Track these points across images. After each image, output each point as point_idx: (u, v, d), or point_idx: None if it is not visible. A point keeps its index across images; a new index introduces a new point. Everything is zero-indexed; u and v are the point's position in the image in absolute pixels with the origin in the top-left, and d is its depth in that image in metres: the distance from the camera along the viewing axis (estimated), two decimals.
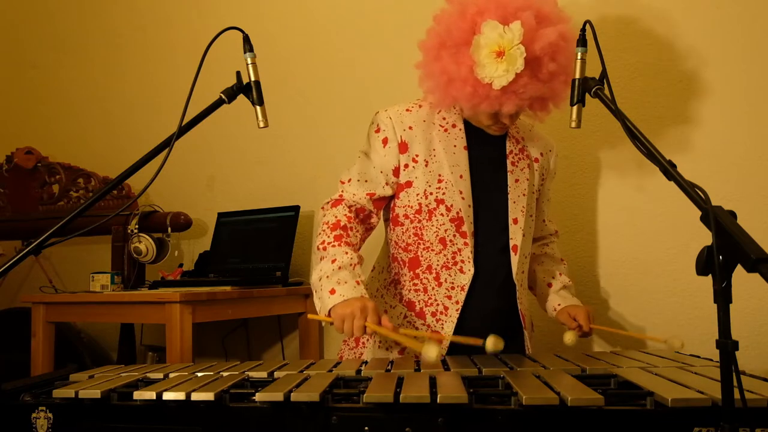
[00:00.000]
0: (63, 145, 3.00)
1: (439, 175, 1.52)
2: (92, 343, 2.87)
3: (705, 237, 0.81)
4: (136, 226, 2.46)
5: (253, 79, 1.37)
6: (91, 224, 1.32)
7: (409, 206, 1.54)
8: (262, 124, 1.38)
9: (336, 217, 1.51)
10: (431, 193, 1.52)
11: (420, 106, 1.57)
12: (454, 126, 1.55)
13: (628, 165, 2.00)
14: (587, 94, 1.29)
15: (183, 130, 1.30)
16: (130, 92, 2.95)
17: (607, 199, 2.04)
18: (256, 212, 2.52)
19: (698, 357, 1.38)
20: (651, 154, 1.07)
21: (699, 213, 0.90)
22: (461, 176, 1.52)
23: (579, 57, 1.32)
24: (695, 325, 1.89)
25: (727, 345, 0.80)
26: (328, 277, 1.41)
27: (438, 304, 1.52)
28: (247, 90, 1.37)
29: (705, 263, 0.83)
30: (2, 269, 1.16)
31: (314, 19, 2.54)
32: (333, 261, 1.42)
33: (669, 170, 1.02)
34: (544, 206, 1.73)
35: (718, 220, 0.84)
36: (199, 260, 2.60)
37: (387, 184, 1.55)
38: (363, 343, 1.60)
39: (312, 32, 2.55)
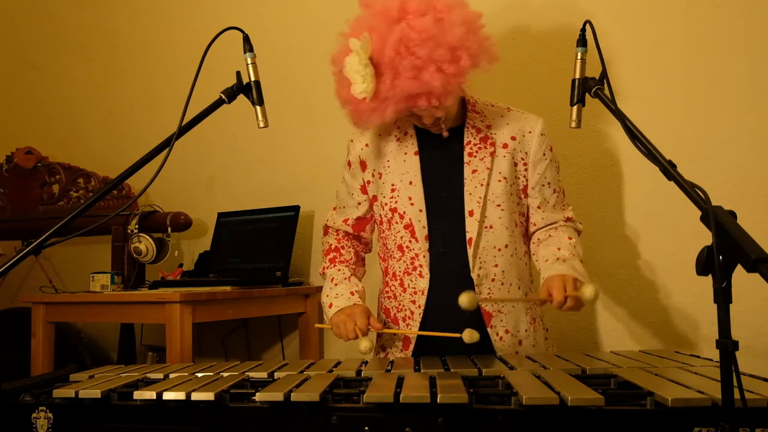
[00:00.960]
0: (63, 145, 3.00)
1: (392, 185, 1.57)
2: (92, 343, 2.87)
3: (705, 237, 0.81)
4: (136, 226, 2.46)
5: (253, 79, 1.37)
6: (91, 224, 1.32)
7: (378, 219, 1.64)
8: (262, 124, 1.38)
9: (328, 243, 1.71)
10: (386, 204, 1.58)
11: None
12: (406, 133, 1.60)
13: (628, 165, 2.00)
14: (587, 94, 1.29)
15: (183, 130, 1.30)
16: (130, 92, 2.95)
17: (606, 200, 2.04)
18: (256, 212, 2.52)
19: (698, 357, 1.38)
20: (651, 154, 1.07)
21: (699, 213, 0.90)
22: (411, 182, 1.55)
23: (579, 57, 1.32)
24: (695, 325, 1.89)
25: (727, 345, 0.80)
26: (327, 295, 1.60)
27: (405, 309, 1.56)
28: (247, 90, 1.37)
29: (705, 263, 0.83)
30: (2, 269, 1.16)
31: (314, 19, 2.54)
32: (331, 280, 1.62)
33: (669, 170, 1.02)
34: (536, 192, 1.57)
35: (718, 220, 0.84)
36: (199, 260, 2.60)
37: (359, 203, 1.66)
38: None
39: (312, 32, 2.55)
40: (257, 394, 1.02)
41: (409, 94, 1.36)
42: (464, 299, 1.30)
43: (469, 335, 1.38)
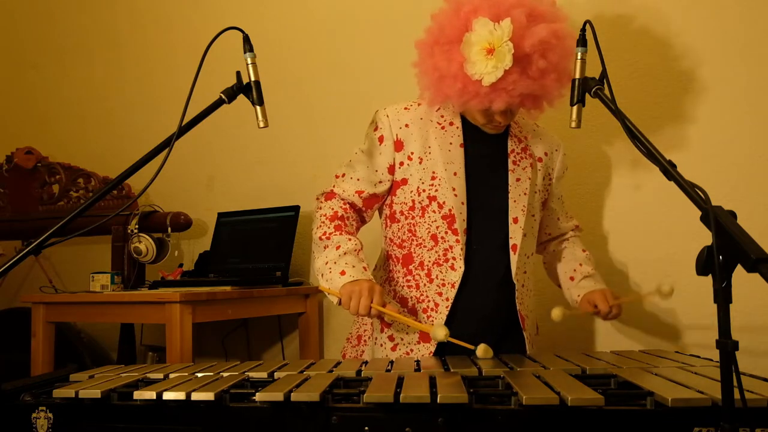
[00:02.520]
0: (63, 145, 3.00)
1: (433, 172, 1.53)
2: (92, 343, 2.87)
3: (705, 237, 0.81)
4: (136, 226, 2.46)
5: (253, 79, 1.37)
6: (91, 224, 1.32)
7: (404, 203, 1.57)
8: (262, 124, 1.38)
9: (332, 209, 1.59)
10: (424, 190, 1.53)
11: (419, 104, 1.58)
12: (451, 124, 1.56)
13: (628, 165, 2.00)
14: (587, 94, 1.29)
15: (183, 130, 1.30)
16: (130, 92, 2.95)
17: (606, 200, 2.04)
18: (256, 212, 2.52)
19: (698, 357, 1.38)
20: (651, 154, 1.07)
21: (699, 213, 0.90)
22: (455, 173, 1.52)
23: (579, 57, 1.32)
24: (695, 325, 1.89)
25: (727, 345, 0.80)
26: (335, 262, 1.48)
27: (429, 301, 1.52)
28: (247, 90, 1.37)
29: (705, 263, 0.83)
30: (2, 269, 1.16)
31: (314, 19, 2.54)
32: (338, 247, 1.50)
33: (669, 170, 1.02)
34: (554, 205, 1.71)
35: (718, 220, 0.84)
36: (199, 260, 2.60)
37: (380, 182, 1.58)
38: (365, 341, 1.64)
39: (312, 32, 2.55)
40: (257, 394, 1.02)
41: (527, 94, 1.38)
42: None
43: (483, 351, 1.34)
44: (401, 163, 1.56)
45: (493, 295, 1.54)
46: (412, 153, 1.55)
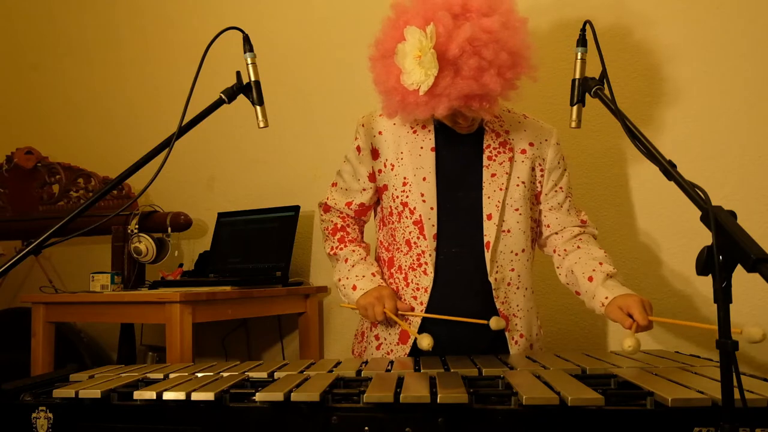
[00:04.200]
0: (63, 145, 2.99)
1: (405, 178, 1.54)
2: (92, 343, 2.87)
3: (705, 237, 0.81)
4: (136, 226, 2.46)
5: (253, 79, 1.37)
6: (91, 224, 1.32)
7: (387, 208, 1.60)
8: (262, 124, 1.38)
9: (332, 221, 1.67)
10: (397, 197, 1.55)
11: None
12: (423, 127, 1.56)
13: (628, 165, 2.01)
14: (587, 94, 1.29)
15: (183, 130, 1.30)
16: (130, 92, 2.95)
17: (607, 199, 2.04)
18: (256, 212, 2.52)
19: (698, 357, 1.38)
20: (651, 154, 1.07)
21: (699, 213, 0.90)
22: (424, 178, 1.52)
23: (579, 57, 1.32)
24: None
25: (727, 345, 0.80)
26: (347, 278, 1.57)
27: (406, 304, 1.53)
28: (247, 90, 1.37)
29: (705, 263, 0.83)
30: (2, 269, 1.16)
31: (314, 19, 2.54)
32: (346, 261, 1.59)
33: (669, 170, 1.02)
34: (551, 196, 1.60)
35: (718, 220, 0.84)
36: (199, 260, 2.60)
37: (364, 189, 1.62)
38: (367, 338, 1.65)
39: (312, 32, 2.55)
40: (257, 394, 1.02)
41: (467, 94, 1.34)
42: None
43: (496, 322, 1.41)
44: (380, 171, 1.59)
45: (468, 298, 1.50)
46: (386, 160, 1.57)
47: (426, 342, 1.34)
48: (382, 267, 1.62)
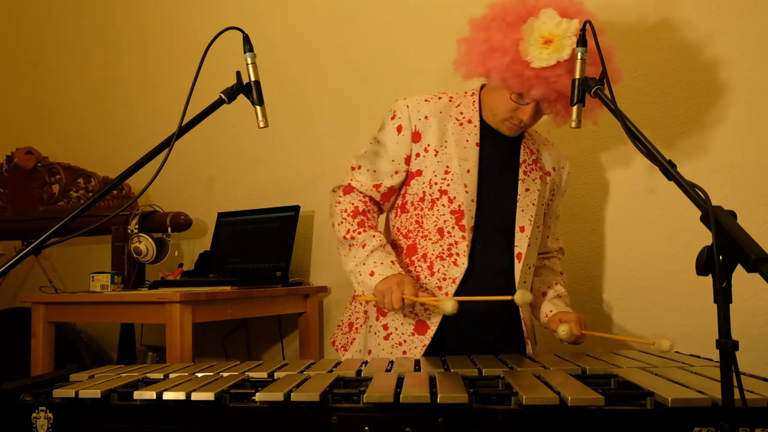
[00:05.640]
0: (63, 145, 2.99)
1: (447, 167, 1.52)
2: (92, 343, 2.87)
3: (705, 237, 0.81)
4: (136, 226, 2.46)
5: (253, 79, 1.36)
6: (91, 224, 1.32)
7: (415, 194, 1.56)
8: (262, 124, 1.38)
9: (353, 204, 1.57)
10: (436, 183, 1.53)
11: (439, 98, 1.58)
12: (469, 122, 1.56)
13: (628, 165, 2.00)
14: (587, 94, 1.29)
15: (183, 130, 1.30)
16: (130, 92, 2.95)
17: (607, 199, 2.04)
18: (256, 212, 2.52)
19: (698, 357, 1.38)
20: (651, 154, 1.07)
21: (699, 213, 0.90)
22: (468, 171, 1.52)
23: (579, 57, 1.31)
24: (695, 325, 1.89)
25: (727, 345, 0.80)
26: (364, 263, 1.50)
27: (428, 293, 1.52)
28: (247, 90, 1.36)
29: (705, 263, 0.83)
30: (2, 269, 1.16)
31: (315, 19, 2.54)
32: (364, 246, 1.51)
33: (669, 170, 1.01)
34: (550, 222, 1.71)
35: (718, 220, 0.84)
36: (199, 260, 2.60)
37: (396, 172, 1.57)
38: (356, 328, 1.65)
39: (312, 32, 2.55)
40: (257, 394, 1.02)
41: (561, 91, 1.39)
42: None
43: (521, 296, 1.39)
44: (417, 155, 1.55)
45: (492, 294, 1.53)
46: (428, 145, 1.54)
47: (450, 305, 1.31)
48: (399, 255, 1.58)
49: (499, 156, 1.57)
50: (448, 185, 1.52)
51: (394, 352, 1.52)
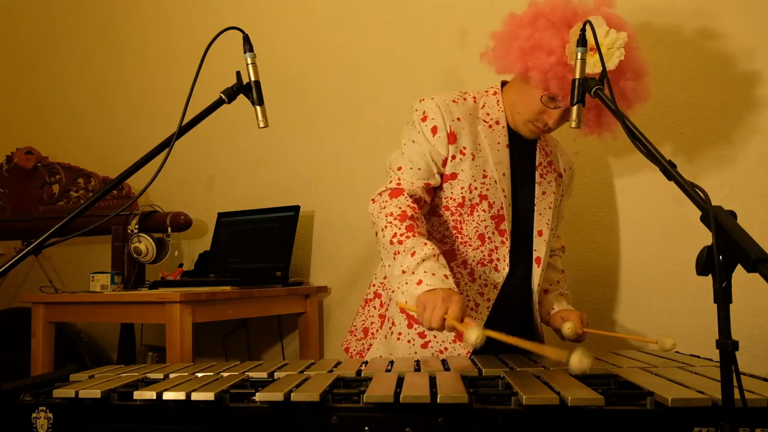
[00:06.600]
0: (63, 145, 3.00)
1: (484, 171, 1.49)
2: (92, 343, 2.87)
3: (705, 237, 0.81)
4: (136, 226, 2.46)
5: (253, 79, 1.36)
6: (91, 224, 1.32)
7: (451, 198, 1.50)
8: (262, 124, 1.38)
9: (400, 207, 1.40)
10: (476, 188, 1.49)
11: (464, 99, 1.54)
12: (497, 123, 1.53)
13: (629, 165, 2.00)
14: (587, 94, 1.29)
15: (183, 130, 1.30)
16: (130, 92, 2.95)
17: (607, 199, 2.04)
18: (256, 212, 2.52)
19: (698, 357, 1.38)
20: (651, 154, 1.07)
21: (699, 213, 0.90)
22: (504, 174, 1.50)
23: (579, 57, 1.31)
24: (695, 325, 1.89)
25: (727, 345, 0.80)
26: (413, 271, 1.30)
27: (469, 300, 1.49)
28: (247, 90, 1.36)
29: (705, 263, 0.83)
30: (2, 269, 1.16)
31: (315, 19, 2.54)
32: (413, 254, 1.32)
33: (669, 170, 1.01)
34: (556, 223, 1.68)
35: (718, 220, 0.84)
36: (199, 260, 2.60)
37: (437, 173, 1.50)
38: (372, 334, 1.60)
39: (312, 32, 2.55)
40: (257, 394, 1.02)
41: (598, 103, 1.36)
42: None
43: (579, 362, 1.00)
44: (453, 157, 1.48)
45: (523, 300, 1.57)
46: (464, 148, 1.48)
47: (474, 335, 1.07)
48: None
49: (522, 156, 1.56)
50: (488, 190, 1.49)
51: None
